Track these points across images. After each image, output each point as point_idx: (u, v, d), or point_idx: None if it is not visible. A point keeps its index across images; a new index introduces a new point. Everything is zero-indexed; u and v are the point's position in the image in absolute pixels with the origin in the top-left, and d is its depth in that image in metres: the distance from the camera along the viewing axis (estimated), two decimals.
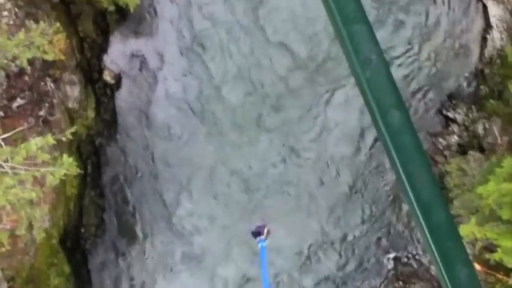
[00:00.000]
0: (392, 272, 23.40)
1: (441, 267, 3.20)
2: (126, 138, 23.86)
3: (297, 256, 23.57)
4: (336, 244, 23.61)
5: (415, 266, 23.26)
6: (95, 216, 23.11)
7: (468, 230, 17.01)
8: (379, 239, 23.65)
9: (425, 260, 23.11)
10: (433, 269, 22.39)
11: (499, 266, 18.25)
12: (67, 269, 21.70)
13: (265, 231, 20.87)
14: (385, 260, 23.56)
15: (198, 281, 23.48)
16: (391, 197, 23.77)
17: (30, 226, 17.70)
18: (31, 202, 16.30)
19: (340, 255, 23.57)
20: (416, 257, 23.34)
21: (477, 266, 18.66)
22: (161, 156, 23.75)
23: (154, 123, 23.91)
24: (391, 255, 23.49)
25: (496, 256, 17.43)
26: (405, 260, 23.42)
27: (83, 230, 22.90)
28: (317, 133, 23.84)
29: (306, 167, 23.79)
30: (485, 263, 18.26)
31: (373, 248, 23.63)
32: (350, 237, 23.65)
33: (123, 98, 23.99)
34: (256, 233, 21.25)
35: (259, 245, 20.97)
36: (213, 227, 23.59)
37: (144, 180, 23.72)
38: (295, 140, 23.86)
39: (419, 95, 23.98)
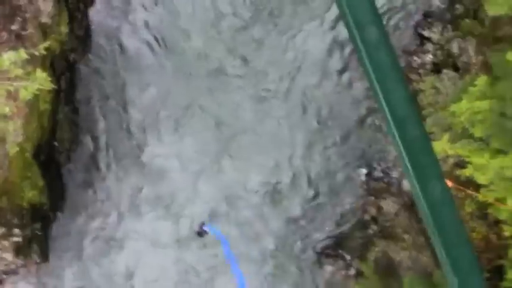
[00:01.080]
0: (364, 188, 23.66)
1: (415, 182, 3.25)
2: (99, 59, 23.61)
3: (269, 189, 23.69)
4: (308, 168, 23.75)
5: (387, 181, 23.52)
6: (69, 131, 23.04)
7: (440, 147, 17.20)
8: (350, 157, 23.82)
9: (396, 175, 23.37)
10: (405, 185, 22.69)
11: (469, 182, 18.52)
12: (41, 182, 21.73)
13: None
14: (356, 177, 23.79)
15: (165, 221, 23.44)
16: (362, 117, 23.87)
17: (3, 140, 17.67)
18: (4, 116, 16.24)
19: (313, 177, 23.72)
20: (388, 172, 23.59)
21: (448, 182, 18.90)
22: (131, 86, 23.53)
23: (126, 48, 23.63)
24: (363, 172, 23.72)
25: (466, 172, 17.67)
26: (376, 175, 23.66)
27: (56, 144, 22.86)
28: (285, 70, 23.79)
29: (275, 103, 23.71)
30: (456, 179, 18.51)
31: (344, 163, 23.80)
32: (322, 161, 23.76)
33: (96, 14, 23.67)
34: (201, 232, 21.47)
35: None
36: (181, 166, 23.52)
37: (114, 107, 23.50)
38: (264, 80, 23.82)
39: (394, 13, 23.89)
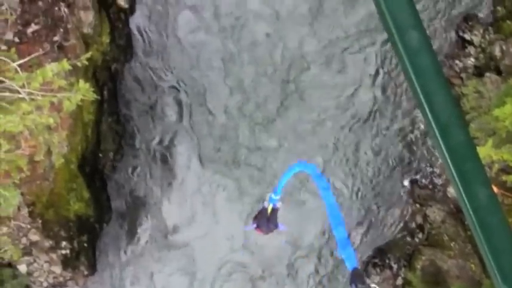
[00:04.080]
0: (409, 195, 23.49)
1: (460, 188, 3.21)
2: (141, 66, 23.74)
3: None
4: (351, 170, 23.66)
5: (432, 188, 23.33)
6: (113, 142, 23.22)
7: (485, 152, 16.99)
8: (395, 163, 23.68)
9: (441, 182, 23.17)
10: (450, 191, 22.48)
11: None
12: (86, 194, 21.91)
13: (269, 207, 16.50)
14: (401, 184, 23.64)
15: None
16: (407, 123, 23.74)
17: (49, 152, 17.83)
18: (49, 128, 16.39)
19: (356, 183, 23.63)
20: (433, 179, 23.40)
21: (494, 188, 18.66)
22: (174, 97, 23.71)
23: (170, 56, 23.70)
24: (408, 179, 23.55)
25: None
26: (422, 182, 23.47)
27: (101, 155, 23.04)
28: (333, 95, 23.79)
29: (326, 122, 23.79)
30: (501, 185, 18.30)
31: (389, 172, 23.67)
32: (365, 165, 23.67)
33: (137, 23, 23.82)
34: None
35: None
36: (210, 245, 23.54)
37: (157, 113, 23.72)
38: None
39: (434, 17, 23.74)
